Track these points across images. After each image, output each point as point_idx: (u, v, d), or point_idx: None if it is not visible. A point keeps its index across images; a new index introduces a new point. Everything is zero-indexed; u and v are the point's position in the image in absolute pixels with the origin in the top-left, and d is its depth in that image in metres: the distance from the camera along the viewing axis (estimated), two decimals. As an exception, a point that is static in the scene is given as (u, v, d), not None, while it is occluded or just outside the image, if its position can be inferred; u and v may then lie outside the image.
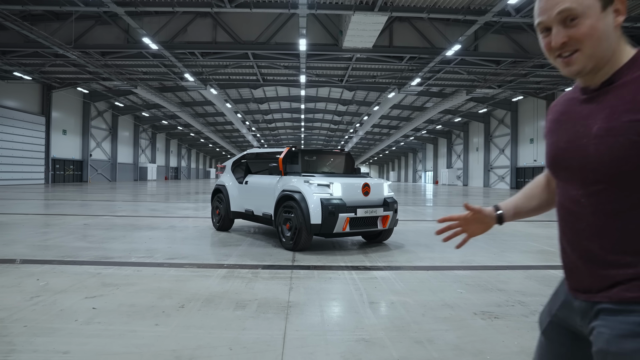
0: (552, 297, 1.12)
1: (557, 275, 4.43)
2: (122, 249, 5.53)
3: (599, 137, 0.88)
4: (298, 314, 3.08)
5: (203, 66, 23.06)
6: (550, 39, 0.92)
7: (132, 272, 4.24)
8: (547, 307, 1.12)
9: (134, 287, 3.71)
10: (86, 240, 6.14)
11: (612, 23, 0.89)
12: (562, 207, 1.00)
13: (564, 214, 1.00)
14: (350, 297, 3.54)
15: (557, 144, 1.01)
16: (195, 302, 3.32)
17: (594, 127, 0.90)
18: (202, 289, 3.67)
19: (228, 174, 7.67)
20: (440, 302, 3.40)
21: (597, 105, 0.91)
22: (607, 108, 0.88)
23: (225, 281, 3.97)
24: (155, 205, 13.36)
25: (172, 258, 5.00)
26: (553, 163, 1.02)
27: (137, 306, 3.17)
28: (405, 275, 4.34)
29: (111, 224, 8.12)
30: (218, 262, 4.81)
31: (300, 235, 5.46)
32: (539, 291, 3.78)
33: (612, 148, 0.86)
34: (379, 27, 16.28)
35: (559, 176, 1.02)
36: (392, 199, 6.06)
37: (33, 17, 18.40)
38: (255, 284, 3.88)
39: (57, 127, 31.89)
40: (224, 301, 3.35)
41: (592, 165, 0.90)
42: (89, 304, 3.19)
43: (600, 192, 0.89)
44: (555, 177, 1.04)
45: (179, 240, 6.35)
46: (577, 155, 0.94)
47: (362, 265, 4.77)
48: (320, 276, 4.25)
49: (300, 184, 5.66)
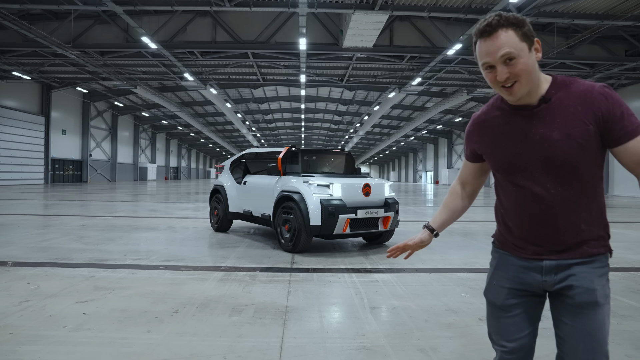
0: (494, 275, 1.38)
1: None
2: (118, 250, 5.42)
3: (561, 141, 1.17)
4: (296, 320, 2.96)
5: (203, 66, 22.95)
6: (495, 74, 1.18)
7: (127, 275, 4.13)
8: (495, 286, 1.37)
9: (128, 291, 3.59)
10: (82, 242, 6.03)
11: (535, 59, 1.18)
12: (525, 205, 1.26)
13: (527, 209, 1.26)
14: (350, 302, 3.42)
15: (511, 152, 1.26)
16: (190, 307, 3.20)
17: (553, 132, 1.18)
18: (197, 293, 3.56)
19: (226, 174, 7.56)
20: (444, 307, 3.28)
21: (545, 116, 1.20)
22: (559, 116, 1.18)
23: (221, 284, 3.86)
24: (154, 205, 13.25)
25: (168, 260, 4.89)
26: (508, 167, 1.28)
27: (130, 311, 3.06)
28: (407, 279, 4.23)
29: (108, 225, 8.01)
30: (215, 265, 4.70)
31: (300, 237, 5.35)
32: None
33: (572, 145, 1.17)
34: (379, 26, 16.15)
35: (515, 178, 1.26)
36: (393, 199, 5.95)
37: (32, 17, 18.31)
38: (253, 288, 3.76)
39: (56, 127, 31.78)
40: (220, 306, 3.23)
41: (558, 162, 1.19)
42: (79, 309, 3.08)
43: (565, 182, 1.20)
44: (510, 179, 1.28)
45: (177, 242, 6.24)
46: (538, 156, 1.20)
47: (363, 268, 4.66)
48: (320, 279, 4.14)
49: (300, 184, 5.54)
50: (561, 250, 1.25)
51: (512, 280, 1.33)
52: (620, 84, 24.73)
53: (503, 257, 1.38)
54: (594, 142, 1.19)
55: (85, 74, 25.41)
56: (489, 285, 1.41)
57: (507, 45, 1.14)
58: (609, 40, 19.75)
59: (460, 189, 1.53)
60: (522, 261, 1.31)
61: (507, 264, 1.36)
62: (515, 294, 1.33)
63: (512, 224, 1.33)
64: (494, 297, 1.38)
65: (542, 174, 1.22)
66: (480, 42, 1.19)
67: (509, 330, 1.33)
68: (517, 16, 1.17)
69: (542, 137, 1.20)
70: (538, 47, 1.20)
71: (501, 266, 1.38)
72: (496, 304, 1.36)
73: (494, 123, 1.31)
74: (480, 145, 1.37)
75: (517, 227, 1.31)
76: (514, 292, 1.33)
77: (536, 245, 1.27)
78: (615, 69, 20.90)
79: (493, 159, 1.33)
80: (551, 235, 1.25)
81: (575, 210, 1.22)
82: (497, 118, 1.30)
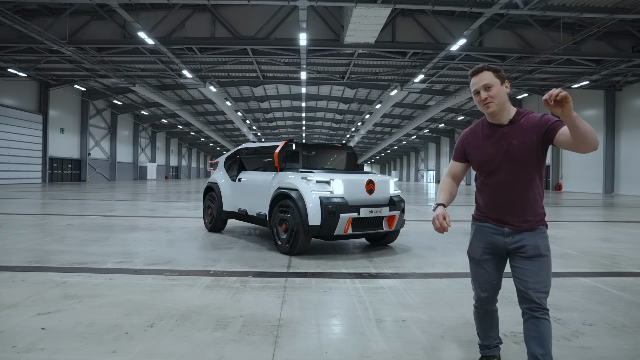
0: (473, 238, 2.04)
1: (588, 283, 3.88)
2: (100, 252, 5.00)
3: (518, 146, 1.88)
4: (290, 336, 2.54)
5: (201, 62, 22.53)
6: (479, 96, 1.92)
7: (103, 281, 3.71)
8: (474, 246, 2.03)
9: (100, 299, 3.17)
10: (63, 243, 5.61)
11: (505, 90, 1.91)
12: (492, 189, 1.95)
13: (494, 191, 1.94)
14: (353, 313, 2.99)
15: (486, 153, 1.95)
16: (169, 319, 2.78)
17: (513, 141, 1.89)
18: (179, 302, 3.13)
19: (221, 171, 7.13)
20: (461, 320, 2.86)
21: (509, 132, 1.90)
22: (518, 132, 1.89)
23: (208, 292, 3.43)
24: (149, 204, 12.84)
25: (153, 263, 4.47)
26: (484, 165, 1.97)
27: (97, 325, 2.64)
28: (416, 285, 3.80)
29: (97, 225, 7.60)
30: (204, 269, 4.28)
31: (297, 238, 4.91)
32: (573, 304, 3.23)
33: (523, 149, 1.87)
34: (381, 21, 15.70)
35: (488, 171, 1.95)
36: (399, 197, 5.52)
37: (27, 12, 17.90)
38: (243, 296, 3.34)
39: (54, 126, 31.39)
40: (203, 318, 2.81)
41: (514, 159, 1.88)
42: (38, 322, 2.66)
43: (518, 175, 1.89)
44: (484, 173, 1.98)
45: (166, 243, 5.82)
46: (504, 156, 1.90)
47: (367, 273, 4.23)
48: (319, 285, 3.71)
49: (298, 180, 5.10)
50: (517, 222, 1.89)
51: (485, 241, 1.98)
52: (627, 81, 24.24)
53: (479, 226, 2.03)
54: (538, 146, 1.85)
55: (83, 71, 24.99)
56: (471, 246, 2.06)
57: (486, 79, 1.89)
58: (615, 36, 19.30)
59: (450, 180, 2.15)
60: (490, 228, 1.97)
61: (482, 231, 2.01)
62: (487, 252, 1.99)
63: (483, 202, 2.00)
64: (473, 253, 2.04)
65: (503, 168, 1.90)
66: (473, 78, 1.95)
67: (484, 277, 2.01)
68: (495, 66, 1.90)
69: (507, 143, 1.90)
70: (507, 84, 1.92)
71: (478, 233, 2.03)
72: (475, 258, 2.04)
73: (478, 136, 2.01)
74: (468, 149, 2.05)
75: (486, 204, 1.98)
76: (486, 250, 1.99)
77: (498, 216, 1.94)
78: (622, 66, 20.43)
79: (475, 158, 2.01)
80: (506, 210, 1.91)
81: (523, 193, 1.89)
82: (480, 133, 2.00)
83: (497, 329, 2.14)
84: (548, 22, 18.74)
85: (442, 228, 1.90)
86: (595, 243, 6.35)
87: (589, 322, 2.84)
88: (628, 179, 24.40)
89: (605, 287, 3.76)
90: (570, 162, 29.51)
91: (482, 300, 2.04)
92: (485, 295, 2.01)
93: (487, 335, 2.12)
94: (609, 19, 15.16)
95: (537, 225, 1.88)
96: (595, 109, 26.74)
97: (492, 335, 2.13)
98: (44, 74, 25.94)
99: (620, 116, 25.43)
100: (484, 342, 2.13)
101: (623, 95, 25.32)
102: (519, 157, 1.85)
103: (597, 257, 5.23)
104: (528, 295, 1.84)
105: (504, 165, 1.88)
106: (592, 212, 12.42)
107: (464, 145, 2.05)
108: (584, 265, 4.75)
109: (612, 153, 25.44)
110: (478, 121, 2.04)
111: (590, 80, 23.34)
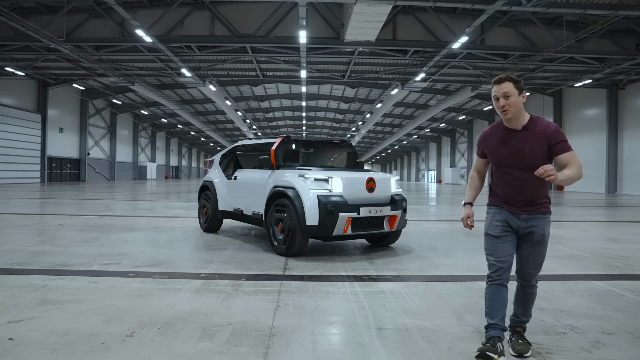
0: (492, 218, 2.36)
1: (602, 287, 3.64)
2: (88, 254, 4.78)
3: (529, 150, 2.20)
4: (282, 347, 2.31)
5: (200, 61, 22.31)
6: (499, 103, 2.22)
7: (86, 285, 3.48)
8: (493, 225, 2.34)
9: (80, 305, 2.95)
10: (51, 244, 5.39)
11: (522, 100, 2.22)
12: (507, 183, 2.29)
13: (509, 185, 2.29)
14: (352, 321, 2.77)
15: (501, 154, 2.29)
16: (151, 327, 2.56)
17: (525, 146, 2.21)
18: (164, 308, 2.91)
19: (216, 169, 6.90)
20: (470, 329, 2.63)
21: (523, 137, 2.22)
22: (530, 138, 2.20)
23: (197, 297, 3.21)
24: (146, 204, 12.62)
25: (142, 265, 4.24)
26: (500, 163, 2.30)
27: (72, 334, 2.41)
28: (420, 289, 3.57)
29: (90, 225, 7.38)
30: (195, 271, 4.05)
31: (294, 239, 4.69)
32: (589, 311, 3.00)
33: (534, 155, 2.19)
34: (382, 18, 15.47)
35: (503, 169, 2.30)
36: (401, 196, 5.28)
37: (23, 10, 17.72)
38: (234, 301, 3.11)
39: (53, 125, 31.20)
40: (188, 326, 2.58)
41: (526, 162, 2.20)
42: (7, 332, 2.43)
43: (529, 174, 2.17)
44: (500, 169, 2.32)
45: (159, 244, 5.60)
46: (517, 157, 2.23)
47: (367, 275, 4.00)
48: (316, 289, 3.48)
49: (295, 178, 4.87)
50: (528, 210, 2.27)
51: (503, 221, 2.31)
52: (630, 79, 23.97)
53: (497, 209, 2.36)
54: (546, 154, 2.21)
55: (81, 70, 24.80)
56: (489, 225, 2.36)
57: (506, 88, 2.21)
58: (619, 34, 19.07)
59: (476, 174, 2.52)
60: (507, 212, 2.31)
61: (500, 212, 2.34)
62: (504, 230, 2.30)
63: (500, 193, 2.36)
64: (492, 231, 2.33)
65: (516, 168, 2.24)
66: (495, 86, 2.25)
67: (501, 250, 2.29)
68: (517, 77, 2.22)
69: (520, 147, 2.23)
70: (524, 94, 2.24)
71: (496, 214, 2.35)
72: (494, 235, 2.32)
73: (495, 137, 2.33)
74: (485, 148, 2.39)
75: (502, 195, 2.34)
76: (504, 228, 2.31)
77: (512, 205, 2.30)
78: (625, 64, 20.19)
79: (491, 157, 2.35)
80: (519, 200, 2.28)
81: (532, 188, 2.24)
82: (497, 134, 2.32)
83: (504, 310, 2.28)
84: (551, 20, 18.50)
85: (468, 226, 2.44)
86: (604, 244, 6.12)
87: (609, 331, 2.61)
88: (631, 178, 24.14)
89: (621, 291, 3.53)
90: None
91: (499, 270, 2.27)
92: (503, 265, 2.27)
93: (496, 313, 2.25)
94: (612, 16, 14.90)
95: (545, 212, 2.29)
96: (598, 108, 26.47)
97: (501, 315, 2.26)
98: (42, 72, 25.74)
99: (623, 115, 25.16)
100: (492, 320, 2.25)
101: (626, 94, 25.05)
102: (529, 160, 2.18)
103: (608, 258, 4.99)
104: (524, 275, 2.34)
105: (516, 164, 2.23)
106: (596, 211, 12.18)
107: (482, 144, 2.41)
108: (596, 267, 4.52)
109: (615, 152, 25.18)
110: (495, 123, 2.38)
111: (593, 79, 23.09)
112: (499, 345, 2.15)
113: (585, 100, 27.46)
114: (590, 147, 26.82)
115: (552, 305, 3.10)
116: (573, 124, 28.97)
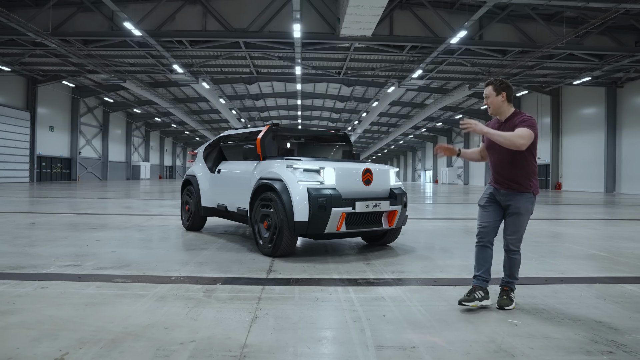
0: (482, 195, 2.93)
1: (637, 292, 3.15)
2: (49, 254, 4.23)
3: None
4: (254, 374, 1.79)
5: (193, 57, 21.73)
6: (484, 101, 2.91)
7: (31, 291, 2.94)
8: (482, 198, 2.91)
9: (13, 317, 2.41)
10: (12, 243, 4.83)
11: (500, 99, 2.82)
12: (493, 163, 2.88)
13: (497, 163, 2.83)
14: (345, 336, 2.25)
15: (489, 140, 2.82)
16: (91, 346, 2.03)
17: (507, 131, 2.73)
18: (116, 320, 2.38)
19: (200, 162, 6.36)
20: (491, 345, 2.11)
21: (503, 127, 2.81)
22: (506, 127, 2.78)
23: (159, 305, 2.68)
24: (131, 202, 12.03)
25: (106, 267, 3.70)
26: (488, 147, 2.89)
27: (-16, 357, 1.88)
28: (424, 294, 3.06)
29: (63, 223, 6.82)
30: (165, 274, 3.51)
31: (281, 237, 4.16)
32: (633, 322, 2.49)
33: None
34: (379, 12, 14.96)
35: (490, 151, 2.88)
36: (401, 189, 4.77)
37: (8, 2, 17.07)
38: (203, 311, 2.59)
39: (43, 123, 30.45)
40: (139, 345, 2.06)
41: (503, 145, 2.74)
42: None
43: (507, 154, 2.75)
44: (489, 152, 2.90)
45: (132, 243, 5.05)
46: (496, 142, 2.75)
47: (363, 279, 3.48)
48: (303, 296, 2.96)
49: (282, 169, 4.34)
50: (507, 186, 2.78)
51: (490, 194, 2.89)
52: (629, 77, 23.63)
53: (489, 186, 2.93)
54: None
55: (70, 66, 24.13)
56: (480, 198, 2.94)
57: (487, 91, 2.84)
58: (618, 30, 18.75)
59: (479, 151, 3.12)
60: (494, 188, 2.87)
61: (489, 188, 2.91)
62: (489, 201, 2.88)
63: (492, 173, 2.91)
64: (480, 202, 2.93)
65: (498, 151, 2.79)
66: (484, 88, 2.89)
67: (485, 217, 2.86)
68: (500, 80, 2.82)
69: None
70: (503, 95, 2.80)
71: (487, 189, 2.93)
72: (480, 205, 2.92)
73: (491, 126, 2.87)
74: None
75: (492, 174, 2.90)
76: (489, 199, 2.88)
77: (497, 183, 2.84)
78: (624, 61, 19.86)
79: (486, 142, 2.93)
80: (501, 178, 2.81)
81: (511, 168, 2.76)
82: (492, 124, 2.92)
83: (489, 265, 2.82)
84: (550, 16, 18.11)
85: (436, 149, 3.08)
86: (620, 242, 5.64)
87: (663, 349, 2.11)
88: (630, 177, 23.80)
89: (658, 296, 3.04)
90: (569, 160, 28.89)
91: (482, 233, 2.83)
92: (484, 230, 2.83)
93: (480, 267, 2.81)
94: (614, 10, 14.49)
95: (525, 191, 2.76)
96: (596, 107, 26.14)
97: (484, 269, 2.80)
98: (30, 68, 25.04)
99: (621, 114, 24.83)
100: (477, 272, 2.82)
101: (624, 93, 24.72)
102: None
103: (631, 258, 4.51)
104: (505, 240, 2.83)
105: (497, 147, 2.77)
106: (600, 209, 11.74)
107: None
108: (621, 268, 4.03)
109: (614, 151, 24.83)
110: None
111: (592, 77, 22.73)
112: (478, 294, 2.71)
113: (583, 99, 27.13)
114: (589, 146, 26.48)
115: (584, 314, 2.60)
116: (570, 123, 28.64)
